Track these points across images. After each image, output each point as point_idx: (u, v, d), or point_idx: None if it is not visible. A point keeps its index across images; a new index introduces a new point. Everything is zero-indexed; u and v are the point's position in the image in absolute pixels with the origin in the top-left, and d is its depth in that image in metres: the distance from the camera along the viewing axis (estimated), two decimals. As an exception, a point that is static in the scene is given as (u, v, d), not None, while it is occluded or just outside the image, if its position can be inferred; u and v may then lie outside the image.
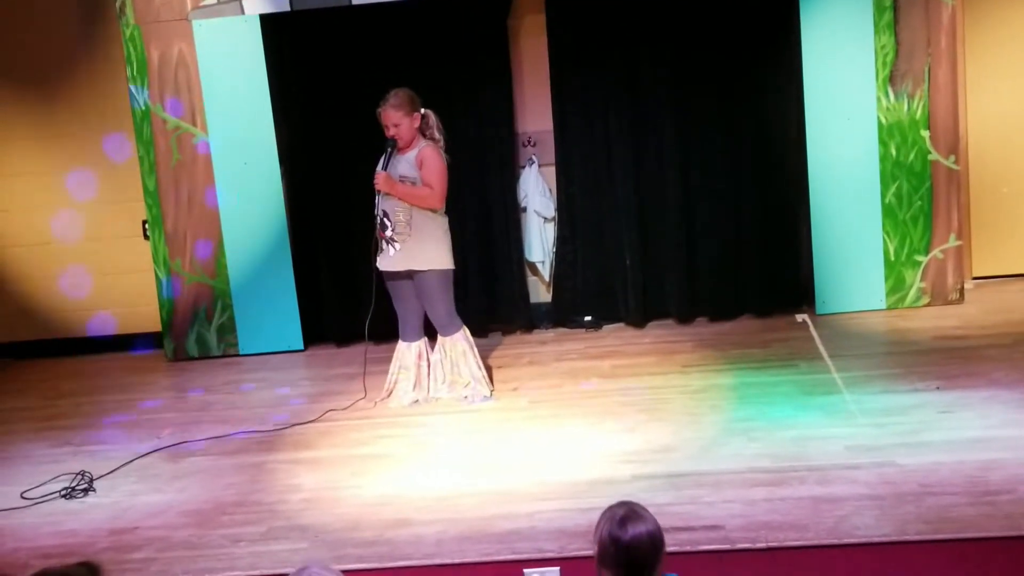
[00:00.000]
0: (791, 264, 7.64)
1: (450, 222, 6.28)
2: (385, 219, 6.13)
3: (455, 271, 6.31)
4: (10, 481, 5.71)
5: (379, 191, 6.10)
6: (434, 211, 6.13)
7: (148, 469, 5.76)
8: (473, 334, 6.50)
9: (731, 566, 4.24)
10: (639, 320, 7.65)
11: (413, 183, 6.08)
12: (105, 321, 8.21)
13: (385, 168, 6.10)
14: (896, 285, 7.37)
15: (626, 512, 3.10)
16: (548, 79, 7.65)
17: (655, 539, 3.06)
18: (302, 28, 7.57)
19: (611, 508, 3.14)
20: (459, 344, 6.31)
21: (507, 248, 7.76)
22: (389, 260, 6.18)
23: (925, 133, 7.24)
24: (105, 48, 7.84)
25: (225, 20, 7.43)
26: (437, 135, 6.17)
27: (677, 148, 7.52)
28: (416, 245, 6.12)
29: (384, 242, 6.17)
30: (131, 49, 7.51)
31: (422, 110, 6.13)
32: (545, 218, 7.79)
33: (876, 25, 7.16)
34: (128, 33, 7.49)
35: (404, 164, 6.12)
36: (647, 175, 7.60)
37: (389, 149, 6.13)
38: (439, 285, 6.19)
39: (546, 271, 7.89)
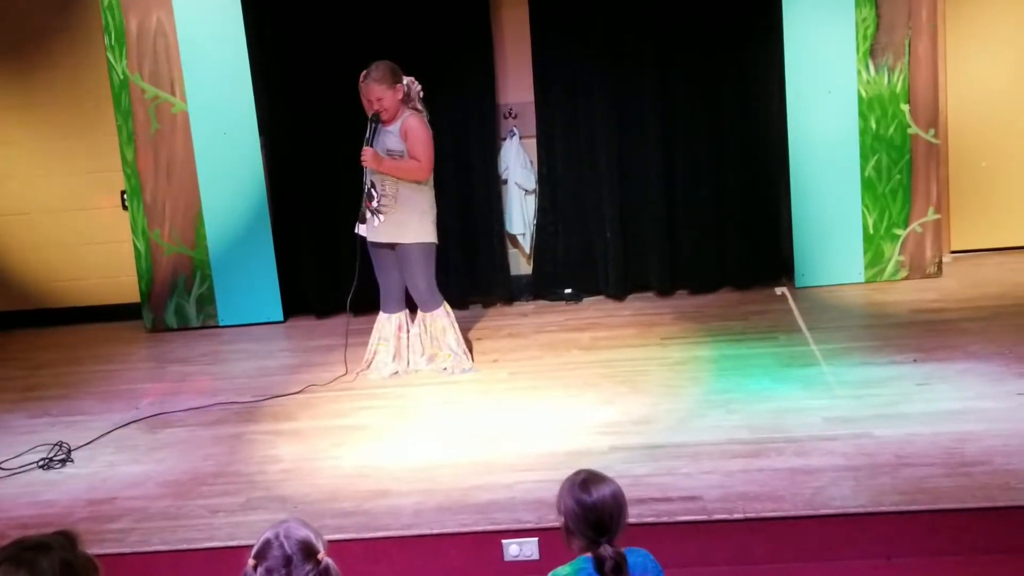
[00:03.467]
0: (771, 237, 7.65)
1: (435, 193, 6.27)
2: (372, 190, 6.12)
3: (438, 245, 6.30)
4: (-12, 451, 5.71)
5: (366, 167, 6.07)
6: (420, 183, 6.11)
7: (126, 440, 5.75)
8: (453, 306, 6.49)
9: (708, 537, 4.27)
10: (619, 293, 7.66)
11: (400, 156, 6.06)
12: (84, 292, 8.16)
13: (371, 143, 6.06)
14: (875, 258, 7.40)
15: (586, 475, 3.18)
16: (530, 50, 7.63)
17: (617, 497, 3.14)
18: (282, -3, 7.53)
19: (570, 477, 3.21)
20: (439, 320, 6.30)
21: (488, 220, 7.74)
22: (374, 231, 6.17)
23: (905, 107, 7.25)
24: (83, 16, 7.77)
25: (204, -11, 7.38)
26: (419, 105, 6.14)
27: (658, 120, 7.51)
28: (401, 217, 6.10)
29: (370, 212, 6.15)
30: (109, 18, 7.44)
31: (404, 81, 6.09)
32: (526, 190, 7.78)
33: (857, -2, 7.16)
34: (106, 2, 7.42)
35: (391, 138, 6.09)
36: (628, 147, 7.59)
37: (374, 124, 6.09)
38: (421, 259, 6.18)
39: (527, 243, 7.89)
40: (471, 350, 6.54)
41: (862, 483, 4.45)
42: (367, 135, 6.07)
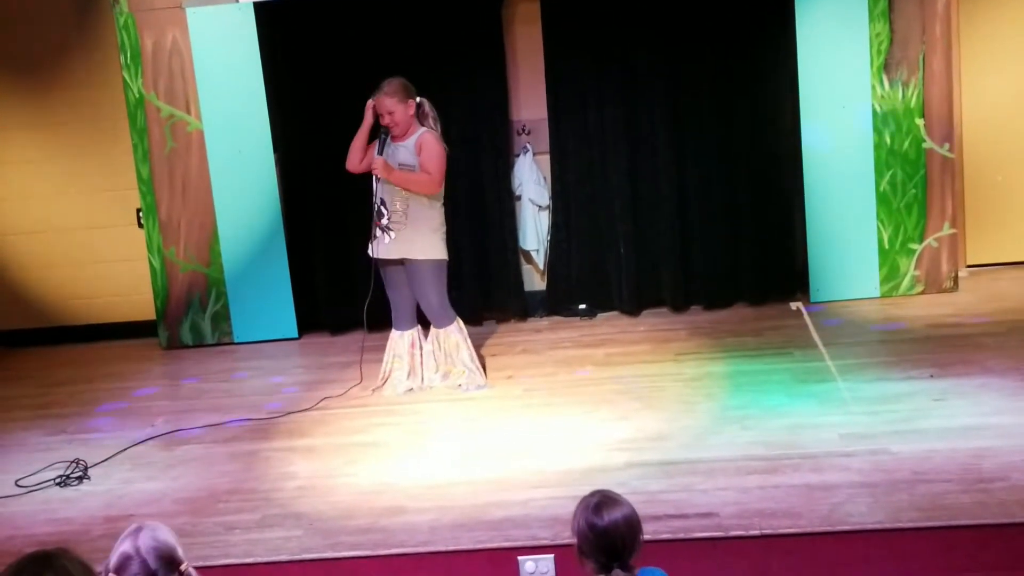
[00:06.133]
0: (786, 252, 7.64)
1: (445, 210, 6.28)
2: (382, 207, 6.12)
3: (449, 261, 6.31)
4: (4, 469, 5.72)
5: (376, 176, 6.08)
6: (431, 199, 6.12)
7: (142, 457, 5.77)
8: (467, 322, 6.50)
9: (724, 553, 4.25)
10: (633, 308, 7.65)
11: (412, 169, 6.07)
12: (100, 309, 8.20)
13: (381, 154, 6.08)
14: (890, 273, 7.38)
15: (600, 499, 3.14)
16: (542, 67, 7.65)
17: (631, 522, 3.11)
18: (296, 15, 7.56)
19: (585, 498, 3.18)
20: (452, 336, 6.31)
21: (501, 236, 7.75)
22: (384, 248, 6.17)
23: (920, 121, 7.24)
24: (99, 36, 7.83)
25: (219, 8, 7.42)
26: (432, 124, 6.16)
27: (672, 136, 7.52)
28: (412, 234, 6.11)
29: (380, 230, 6.16)
30: (125, 37, 7.49)
31: (416, 98, 6.12)
32: (539, 206, 7.79)
33: (871, 13, 7.15)
34: (122, 21, 7.48)
35: (404, 151, 6.10)
36: (642, 163, 7.60)
37: (383, 136, 6.11)
38: (433, 275, 6.18)
39: (540, 259, 7.89)
40: (485, 366, 6.54)
41: (879, 499, 4.43)
42: (377, 147, 6.09)
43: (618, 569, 3.05)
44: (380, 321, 6.68)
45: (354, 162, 6.25)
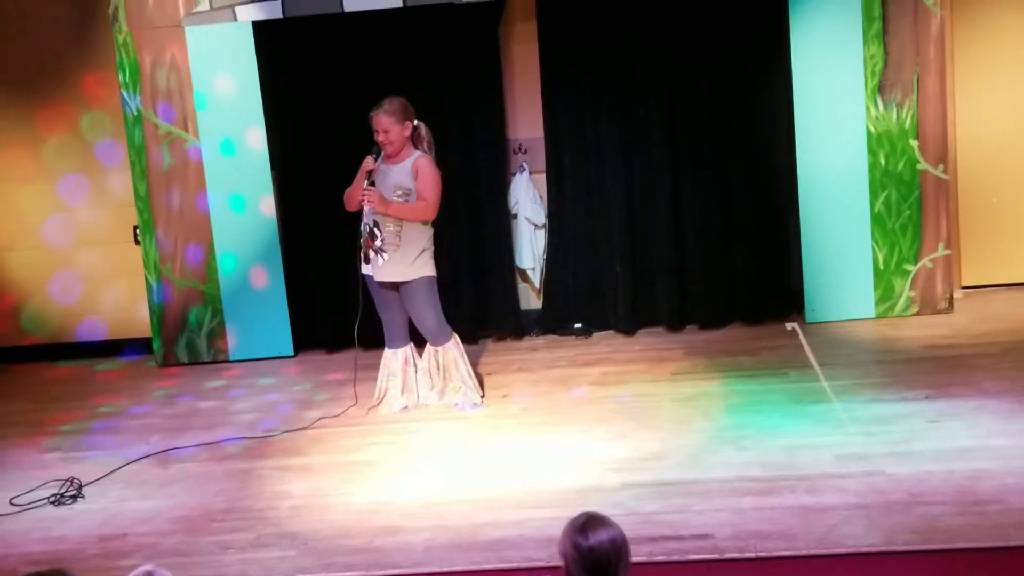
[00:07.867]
0: (781, 272, 7.65)
1: (441, 228, 6.29)
2: (376, 228, 6.12)
3: (440, 278, 6.29)
4: (-2, 487, 5.71)
5: (372, 209, 6.06)
6: (425, 222, 6.12)
7: (137, 475, 5.75)
8: (463, 340, 6.49)
9: (720, 575, 4.25)
10: (629, 327, 7.66)
11: (408, 192, 6.07)
12: (95, 326, 8.19)
13: (372, 178, 6.07)
14: (885, 294, 7.39)
15: (586, 519, 3.14)
16: (539, 86, 7.67)
17: (616, 544, 3.09)
18: (294, 34, 7.58)
19: (571, 520, 3.17)
20: (450, 352, 6.31)
21: (498, 255, 7.76)
22: (378, 270, 6.17)
23: (914, 142, 7.26)
24: (98, 53, 7.83)
25: (217, 26, 7.43)
26: (427, 148, 6.16)
27: (668, 156, 7.54)
28: (405, 256, 6.10)
29: (373, 251, 6.15)
30: (123, 55, 7.50)
31: (415, 121, 6.12)
32: (536, 225, 7.80)
33: (865, 35, 7.19)
34: (121, 39, 7.49)
35: (399, 173, 6.10)
36: (638, 183, 7.61)
37: (375, 155, 6.10)
38: (426, 293, 6.18)
39: (537, 278, 7.90)
40: (482, 384, 6.53)
41: (875, 521, 4.43)
42: (370, 158, 6.07)
43: None
44: (375, 340, 6.68)
45: (353, 204, 6.22)
